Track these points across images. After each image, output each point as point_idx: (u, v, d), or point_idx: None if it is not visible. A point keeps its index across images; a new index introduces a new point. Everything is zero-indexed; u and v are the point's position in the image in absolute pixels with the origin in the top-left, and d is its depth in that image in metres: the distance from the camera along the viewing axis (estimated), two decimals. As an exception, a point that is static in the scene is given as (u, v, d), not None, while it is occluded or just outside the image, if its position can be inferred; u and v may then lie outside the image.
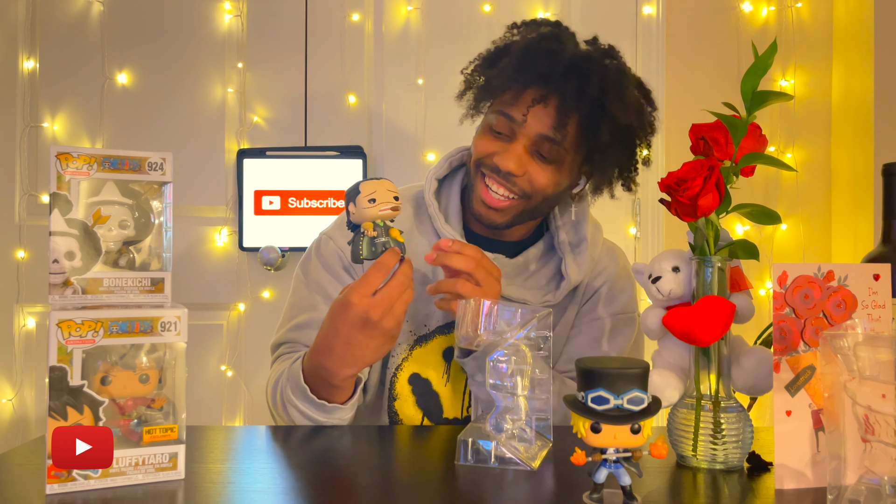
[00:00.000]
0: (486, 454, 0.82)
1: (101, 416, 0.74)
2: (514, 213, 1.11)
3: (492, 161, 1.09)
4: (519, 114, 1.07)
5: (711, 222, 0.83)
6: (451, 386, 1.14)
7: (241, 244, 2.24)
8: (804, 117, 2.34)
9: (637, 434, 0.67)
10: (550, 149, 1.07)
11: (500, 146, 1.08)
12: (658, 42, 2.34)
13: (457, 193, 1.20)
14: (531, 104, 1.06)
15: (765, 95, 0.84)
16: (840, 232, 2.31)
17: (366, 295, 0.90)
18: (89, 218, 0.77)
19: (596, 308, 1.19)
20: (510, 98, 1.08)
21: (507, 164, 1.07)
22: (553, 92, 1.05)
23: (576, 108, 1.05)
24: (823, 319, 0.78)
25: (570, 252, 1.17)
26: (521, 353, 0.84)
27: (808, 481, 0.76)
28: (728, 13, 2.36)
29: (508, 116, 1.08)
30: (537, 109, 1.06)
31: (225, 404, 2.32)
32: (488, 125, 1.11)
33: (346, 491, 0.77)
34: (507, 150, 1.07)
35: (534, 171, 1.08)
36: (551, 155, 1.08)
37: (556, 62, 1.05)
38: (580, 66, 1.05)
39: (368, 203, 0.90)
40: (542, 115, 1.06)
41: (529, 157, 1.08)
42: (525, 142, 1.07)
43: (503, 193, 1.09)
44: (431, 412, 1.15)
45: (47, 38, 2.32)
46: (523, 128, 1.07)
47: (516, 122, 1.07)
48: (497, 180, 1.09)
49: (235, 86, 2.32)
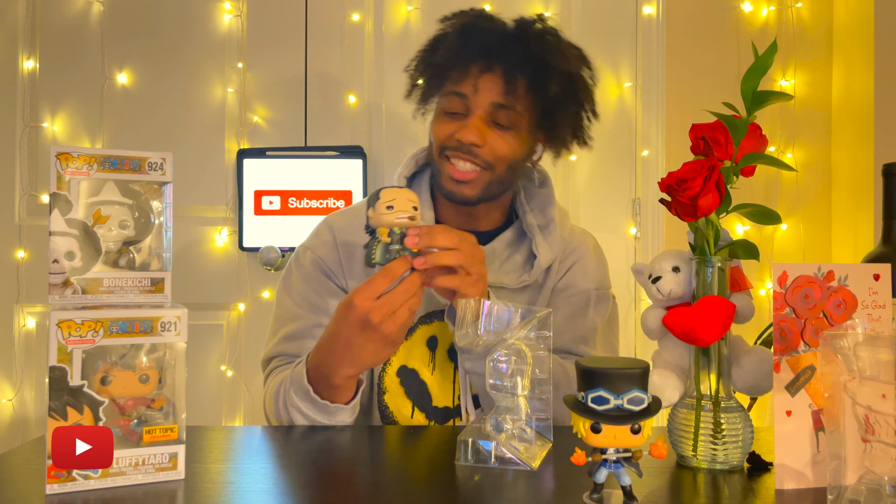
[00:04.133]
0: (486, 454, 0.82)
1: (101, 416, 0.74)
2: (482, 184, 1.14)
3: (454, 140, 1.12)
4: (469, 88, 1.11)
5: (711, 222, 0.83)
6: (438, 374, 1.16)
7: (241, 244, 2.24)
8: (804, 117, 2.34)
9: (637, 434, 0.67)
10: (505, 115, 1.11)
11: (458, 125, 1.12)
12: (658, 42, 2.34)
13: (426, 190, 1.23)
14: (478, 76, 1.10)
15: (765, 95, 0.84)
16: (840, 232, 2.31)
17: (368, 298, 0.91)
18: (89, 218, 0.77)
19: (571, 285, 1.23)
20: (458, 77, 1.12)
21: (468, 136, 1.10)
22: (497, 60, 1.10)
23: (521, 71, 1.10)
24: (823, 319, 0.78)
25: (539, 233, 1.20)
26: (522, 353, 0.84)
27: (808, 481, 0.76)
28: (728, 13, 2.36)
29: (459, 94, 1.12)
30: (485, 79, 1.10)
31: (225, 404, 2.32)
32: (442, 110, 1.15)
33: (345, 491, 0.77)
34: (465, 125, 1.11)
35: (493, 141, 1.11)
36: (507, 121, 1.11)
37: (494, 33, 1.12)
38: (516, 33, 1.12)
39: (386, 210, 0.91)
40: (490, 83, 1.10)
41: (487, 127, 1.11)
42: (481, 113, 1.11)
43: (469, 167, 1.12)
44: (421, 402, 1.16)
45: (47, 38, 2.32)
46: (476, 99, 1.11)
47: (468, 97, 1.11)
48: (461, 156, 1.12)
49: (235, 86, 2.32)
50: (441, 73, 1.14)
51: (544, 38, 1.12)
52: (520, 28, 1.13)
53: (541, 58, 1.10)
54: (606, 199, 2.36)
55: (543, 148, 1.22)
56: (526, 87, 1.11)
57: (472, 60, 1.11)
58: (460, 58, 1.11)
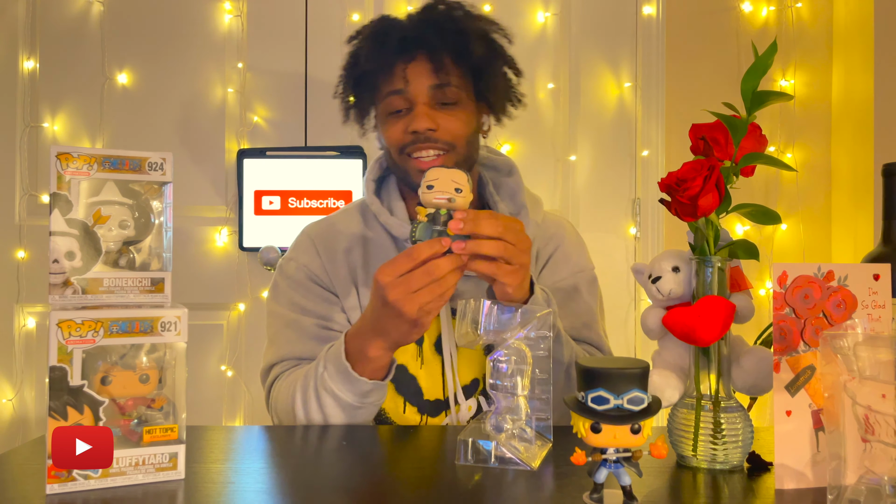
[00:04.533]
0: (486, 454, 0.82)
1: (101, 416, 0.74)
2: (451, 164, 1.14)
3: (409, 135, 1.13)
4: (401, 82, 1.13)
5: (711, 222, 0.83)
6: (426, 367, 1.16)
7: (241, 244, 2.24)
8: (804, 117, 2.34)
9: (637, 434, 0.67)
10: (444, 93, 1.13)
11: (406, 120, 1.14)
12: (658, 42, 2.34)
13: (395, 189, 1.25)
14: (405, 67, 1.13)
15: (765, 95, 0.84)
16: (840, 232, 2.31)
17: (389, 275, 0.92)
18: (89, 218, 0.77)
19: (556, 272, 1.24)
20: (387, 78, 1.15)
21: (420, 124, 1.12)
22: (416, 47, 1.13)
23: (442, 47, 1.13)
24: (823, 319, 0.78)
25: None
26: (522, 353, 0.84)
27: (808, 481, 0.76)
28: (728, 13, 2.36)
29: (395, 91, 1.14)
30: (413, 68, 1.13)
31: (225, 404, 2.32)
32: (385, 114, 1.17)
33: (345, 491, 0.77)
34: (413, 117, 1.13)
35: (444, 121, 1.13)
36: (450, 97, 1.14)
37: (405, 27, 1.15)
38: (425, 17, 1.15)
39: (426, 189, 0.92)
40: (419, 70, 1.13)
41: (434, 111, 1.13)
42: (422, 99, 1.13)
43: (432, 154, 1.14)
44: (413, 397, 1.17)
45: (47, 38, 2.32)
46: (412, 89, 1.13)
47: (404, 90, 1.13)
48: (421, 146, 1.13)
49: (235, 86, 2.32)
50: (370, 81, 1.17)
51: (452, 12, 1.15)
52: (426, 10, 1.16)
53: (456, 29, 1.13)
54: (606, 199, 2.36)
55: (488, 116, 1.24)
56: (452, 60, 1.14)
57: (394, 57, 1.13)
58: (382, 59, 1.14)
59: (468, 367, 1.17)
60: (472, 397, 1.17)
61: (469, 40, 1.14)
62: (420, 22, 1.15)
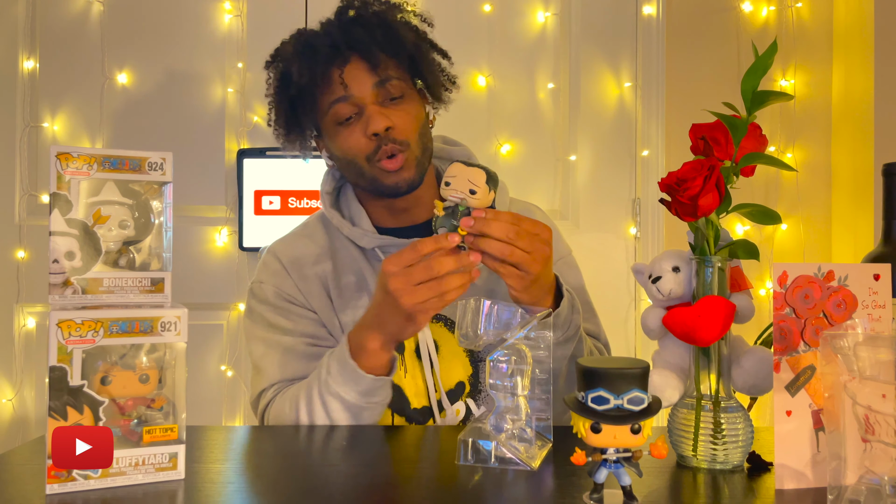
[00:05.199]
0: (486, 454, 0.82)
1: (101, 416, 0.74)
2: (413, 163, 1.14)
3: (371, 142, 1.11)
4: (340, 89, 1.11)
5: (711, 222, 0.83)
6: (410, 376, 1.16)
7: (241, 244, 2.24)
8: (804, 117, 2.34)
9: (637, 434, 0.67)
10: (388, 88, 1.12)
11: (360, 125, 1.12)
12: (658, 42, 2.34)
13: (353, 198, 1.24)
14: (342, 73, 1.11)
15: (765, 95, 0.84)
16: (840, 232, 2.31)
17: (394, 265, 0.92)
18: (89, 218, 0.77)
19: None
20: (325, 88, 1.13)
21: (378, 124, 1.10)
22: (345, 48, 1.11)
23: (373, 43, 1.11)
24: (823, 319, 0.78)
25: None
26: (521, 353, 0.84)
27: (808, 481, 0.76)
28: (728, 13, 2.36)
29: (339, 99, 1.12)
30: (349, 71, 1.11)
31: (225, 404, 2.32)
32: (333, 124, 1.14)
33: (346, 491, 0.77)
34: (368, 120, 1.11)
35: (397, 118, 1.12)
36: (394, 92, 1.13)
37: (328, 33, 1.13)
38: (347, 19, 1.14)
39: (444, 184, 0.92)
40: (356, 71, 1.11)
41: (385, 108, 1.12)
42: (370, 100, 1.12)
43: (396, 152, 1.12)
44: (399, 407, 1.15)
45: (47, 38, 2.32)
46: (356, 92, 1.11)
47: (348, 96, 1.11)
48: (385, 150, 1.12)
49: (235, 86, 2.32)
50: (306, 97, 1.15)
51: (369, 6, 1.15)
52: (344, 13, 1.15)
53: (380, 22, 1.12)
54: (606, 199, 2.36)
55: (430, 104, 1.23)
56: (385, 53, 1.12)
57: (328, 65, 1.11)
58: (315, 69, 1.11)
59: (452, 371, 1.16)
60: (460, 401, 1.16)
61: (396, 30, 1.13)
62: (343, 24, 1.13)
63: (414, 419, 1.16)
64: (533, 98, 2.34)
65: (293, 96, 1.15)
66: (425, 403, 1.16)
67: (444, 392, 1.15)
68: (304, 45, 1.14)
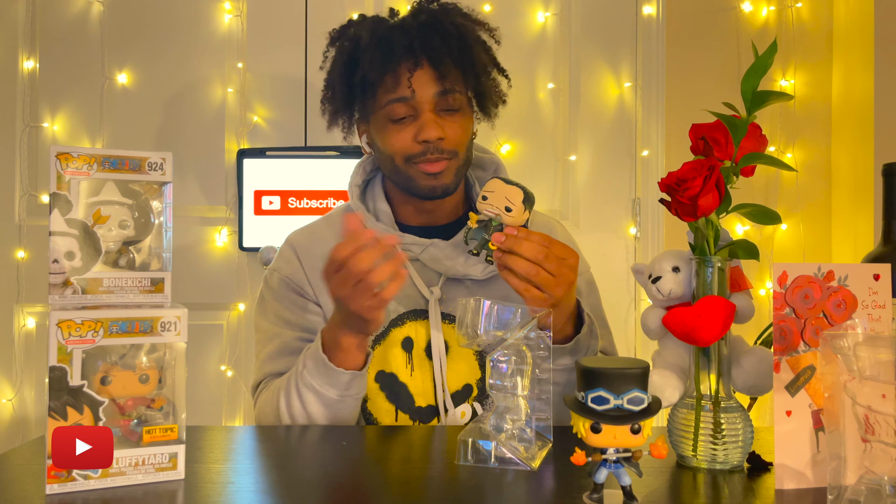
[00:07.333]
0: (486, 454, 0.82)
1: (101, 416, 0.74)
2: (453, 171, 1.16)
3: (418, 146, 1.12)
4: (406, 90, 1.11)
5: (711, 222, 0.83)
6: (417, 374, 1.16)
7: (241, 244, 2.24)
8: (804, 117, 2.34)
9: (637, 434, 0.67)
10: (448, 100, 1.13)
11: (413, 128, 1.13)
12: (658, 42, 2.34)
13: (381, 193, 1.24)
14: (411, 75, 1.11)
15: (765, 95, 0.84)
16: (840, 232, 2.31)
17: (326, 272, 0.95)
18: (89, 218, 0.77)
19: None
20: (390, 84, 1.13)
21: (430, 134, 1.11)
22: (419, 52, 1.11)
23: (447, 53, 1.12)
24: (823, 319, 0.78)
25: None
26: (521, 353, 0.84)
27: (808, 481, 0.76)
28: (728, 13, 2.36)
29: (400, 99, 1.12)
30: (418, 76, 1.11)
31: (225, 404, 2.32)
32: (386, 120, 1.15)
33: (346, 491, 0.77)
34: (422, 126, 1.12)
35: (450, 129, 1.13)
36: (455, 104, 1.14)
37: (403, 32, 1.12)
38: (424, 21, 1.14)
39: (482, 198, 0.95)
40: (425, 77, 1.12)
41: (440, 118, 1.13)
42: (429, 107, 1.12)
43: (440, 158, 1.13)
44: (403, 404, 1.16)
45: (47, 38, 2.32)
46: (419, 98, 1.12)
47: (409, 99, 1.12)
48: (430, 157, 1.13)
49: (235, 86, 2.32)
50: (367, 88, 1.15)
51: (448, 15, 1.15)
52: (423, 14, 1.15)
53: (458, 35, 1.13)
54: (606, 199, 2.36)
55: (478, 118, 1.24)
56: (454, 65, 1.13)
57: (399, 64, 1.11)
58: (388, 67, 1.12)
59: (460, 373, 1.16)
60: (466, 403, 1.16)
61: (471, 48, 1.14)
62: (421, 26, 1.14)
63: (418, 418, 1.16)
64: (533, 98, 2.34)
65: (357, 83, 1.16)
66: (431, 402, 1.16)
67: (450, 393, 1.15)
68: (382, 38, 1.13)
